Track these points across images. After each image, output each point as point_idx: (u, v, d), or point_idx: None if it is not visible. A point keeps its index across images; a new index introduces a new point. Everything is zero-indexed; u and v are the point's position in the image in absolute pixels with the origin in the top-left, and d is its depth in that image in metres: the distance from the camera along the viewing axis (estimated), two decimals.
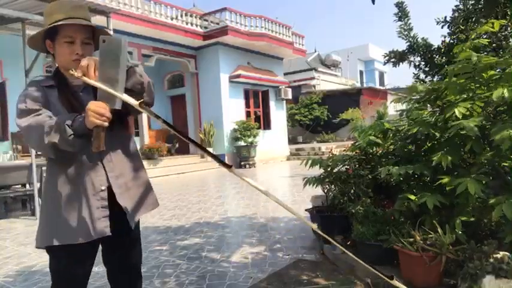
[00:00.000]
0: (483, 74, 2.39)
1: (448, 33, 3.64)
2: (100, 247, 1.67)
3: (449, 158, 2.32)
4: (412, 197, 2.54)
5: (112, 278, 1.77)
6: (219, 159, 1.19)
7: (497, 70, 2.48)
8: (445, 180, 2.30)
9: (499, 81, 2.27)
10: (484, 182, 2.20)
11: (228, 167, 1.07)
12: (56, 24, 1.47)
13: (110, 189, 1.56)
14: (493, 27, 2.57)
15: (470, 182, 2.16)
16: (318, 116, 20.77)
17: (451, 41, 3.60)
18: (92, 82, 1.31)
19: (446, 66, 2.98)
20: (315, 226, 1.16)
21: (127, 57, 1.38)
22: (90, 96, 1.54)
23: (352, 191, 3.46)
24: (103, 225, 1.52)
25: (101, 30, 1.59)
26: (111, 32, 9.79)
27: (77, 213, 1.50)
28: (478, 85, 2.43)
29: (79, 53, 1.51)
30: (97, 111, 1.29)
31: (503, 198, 2.09)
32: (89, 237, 1.50)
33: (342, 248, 1.08)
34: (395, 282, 0.87)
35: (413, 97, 3.00)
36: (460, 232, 2.35)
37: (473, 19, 3.42)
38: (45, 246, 1.54)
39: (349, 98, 20.89)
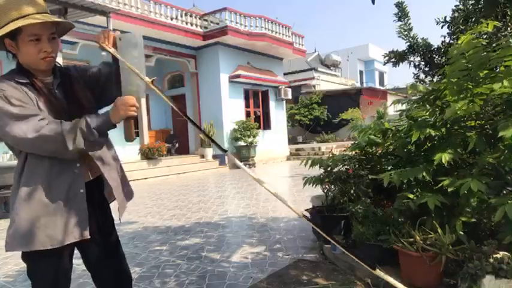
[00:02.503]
0: (479, 73, 2.39)
1: (448, 33, 3.64)
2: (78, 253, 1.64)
3: (449, 155, 2.32)
4: (411, 196, 2.54)
5: (99, 280, 1.73)
6: (216, 142, 1.37)
7: (497, 70, 2.48)
8: (446, 182, 2.30)
9: (496, 80, 2.27)
10: (486, 182, 2.19)
11: (224, 151, 1.20)
12: (20, 25, 1.36)
13: (87, 186, 1.55)
14: (487, 27, 2.56)
15: (473, 182, 2.15)
16: (318, 116, 20.76)
17: (451, 41, 3.60)
18: (126, 63, 1.42)
19: (445, 66, 2.99)
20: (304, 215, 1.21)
21: (142, 49, 1.49)
22: (63, 93, 1.53)
23: (352, 191, 3.46)
24: (84, 227, 1.50)
25: (65, 22, 1.52)
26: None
27: (59, 216, 1.45)
28: (475, 84, 2.43)
29: (48, 50, 1.44)
30: (129, 104, 1.39)
31: (505, 199, 2.09)
32: (72, 239, 1.48)
33: (341, 247, 1.09)
34: (378, 272, 0.88)
35: (413, 97, 3.00)
36: (461, 233, 2.35)
37: (473, 19, 3.42)
38: (23, 252, 1.47)
39: (349, 98, 20.88)
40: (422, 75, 3.84)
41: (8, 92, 1.38)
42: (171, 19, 12.64)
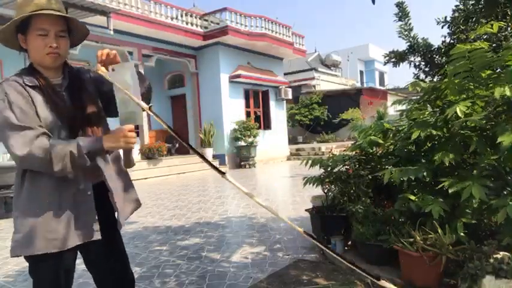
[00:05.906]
0: (481, 74, 2.38)
1: (448, 33, 3.64)
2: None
3: (451, 155, 2.32)
4: (412, 197, 2.54)
5: (100, 281, 1.72)
6: (213, 165, 1.25)
7: (497, 70, 2.48)
8: (447, 183, 2.29)
9: (498, 81, 2.27)
10: (486, 185, 2.19)
11: (222, 173, 1.14)
12: (26, 15, 1.39)
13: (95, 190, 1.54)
14: (491, 28, 2.56)
15: (474, 187, 2.15)
16: (318, 116, 20.75)
17: (451, 41, 3.60)
18: (129, 94, 1.36)
19: (446, 66, 2.98)
20: (301, 230, 1.13)
21: (136, 76, 1.44)
22: (70, 95, 1.52)
23: (352, 191, 3.46)
24: (93, 229, 1.50)
25: (75, 20, 1.52)
26: (105, 29, 9.74)
27: (67, 218, 1.45)
28: (477, 85, 2.43)
29: (53, 45, 1.44)
30: (127, 136, 1.42)
31: (506, 200, 2.08)
32: (77, 241, 1.47)
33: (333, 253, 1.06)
34: (382, 283, 0.85)
35: (413, 97, 3.00)
36: (462, 234, 2.35)
37: (474, 19, 3.42)
38: (29, 255, 1.45)
39: (349, 98, 20.86)
40: (422, 76, 3.84)
41: (12, 96, 1.38)
42: (171, 19, 12.63)
